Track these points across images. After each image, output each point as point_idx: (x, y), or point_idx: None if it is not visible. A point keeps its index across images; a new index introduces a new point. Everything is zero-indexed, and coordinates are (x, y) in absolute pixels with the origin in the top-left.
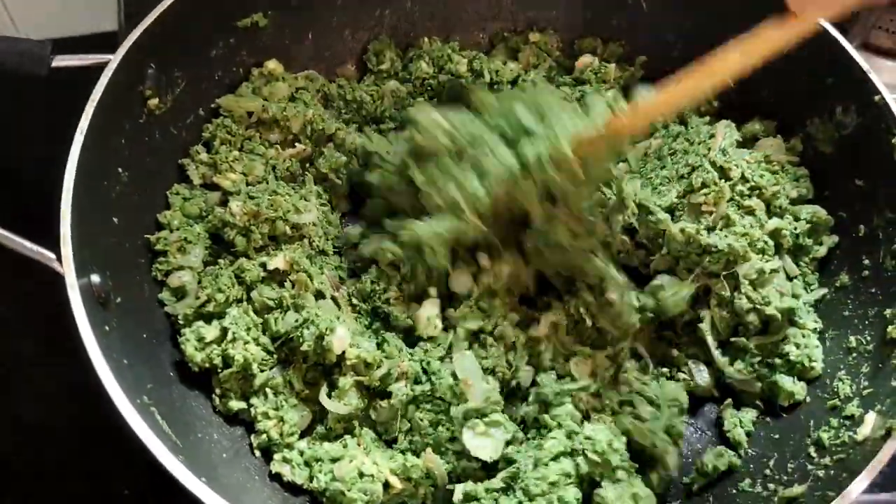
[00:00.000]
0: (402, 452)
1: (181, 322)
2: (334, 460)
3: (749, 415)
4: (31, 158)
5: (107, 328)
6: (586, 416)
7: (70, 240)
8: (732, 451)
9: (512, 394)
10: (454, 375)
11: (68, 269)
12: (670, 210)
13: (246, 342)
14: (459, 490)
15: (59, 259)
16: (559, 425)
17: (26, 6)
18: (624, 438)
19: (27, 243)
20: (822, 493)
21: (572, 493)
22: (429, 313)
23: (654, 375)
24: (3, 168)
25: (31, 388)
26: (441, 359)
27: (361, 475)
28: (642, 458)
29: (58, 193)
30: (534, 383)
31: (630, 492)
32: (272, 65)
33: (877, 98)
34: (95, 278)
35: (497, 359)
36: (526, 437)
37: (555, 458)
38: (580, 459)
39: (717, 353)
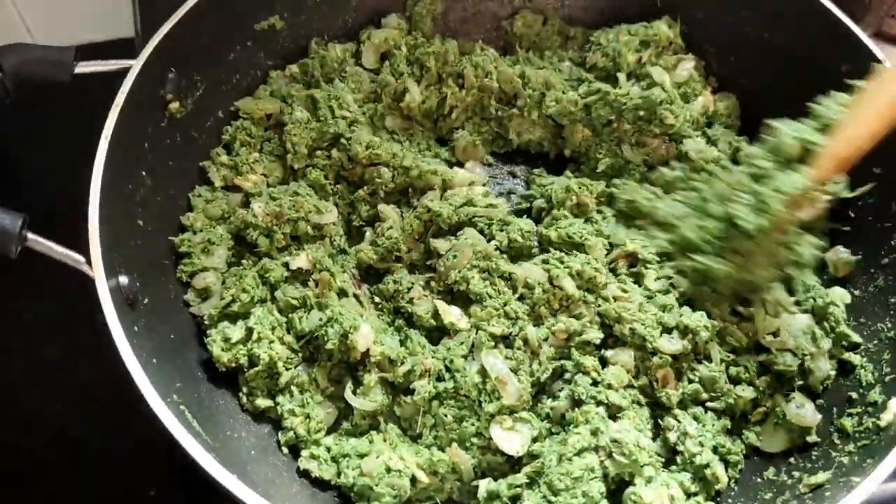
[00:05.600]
0: (428, 447)
1: (207, 322)
2: (361, 456)
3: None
4: (57, 165)
5: (136, 328)
6: (613, 418)
7: (98, 242)
8: None
9: (538, 391)
10: (483, 373)
11: (98, 271)
12: None
13: (271, 341)
14: (483, 486)
15: (88, 262)
16: (586, 421)
17: (42, 14)
18: (650, 434)
19: (58, 247)
20: (846, 479)
21: (596, 487)
22: (454, 315)
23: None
24: (31, 174)
25: (58, 389)
26: (464, 357)
27: (389, 470)
28: None
29: (84, 198)
30: (566, 380)
31: (666, 493)
32: (294, 68)
33: None
34: (123, 279)
35: (521, 362)
36: (551, 433)
37: (578, 454)
38: (608, 462)
39: None
